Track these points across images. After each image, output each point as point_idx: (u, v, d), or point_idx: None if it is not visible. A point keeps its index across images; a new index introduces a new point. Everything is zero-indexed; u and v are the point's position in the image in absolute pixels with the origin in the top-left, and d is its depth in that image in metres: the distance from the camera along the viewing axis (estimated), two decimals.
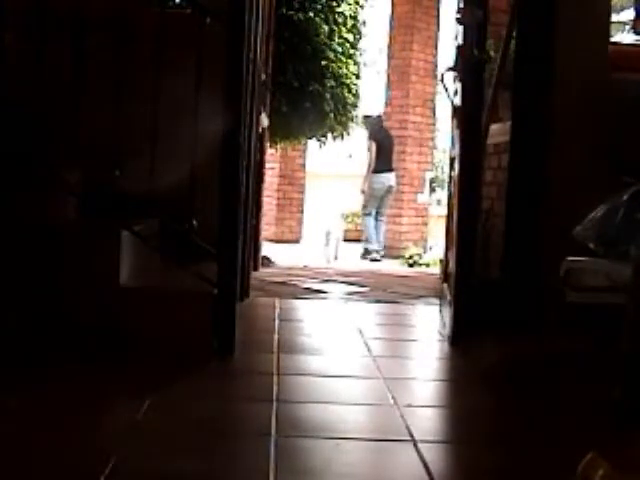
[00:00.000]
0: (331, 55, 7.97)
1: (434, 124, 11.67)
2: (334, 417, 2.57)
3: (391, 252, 10.54)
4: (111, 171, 3.35)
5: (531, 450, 2.30)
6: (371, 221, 10.44)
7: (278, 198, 12.40)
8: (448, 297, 3.89)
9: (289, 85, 7.67)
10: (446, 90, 4.08)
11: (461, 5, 3.80)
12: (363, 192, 10.51)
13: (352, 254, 10.40)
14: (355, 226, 12.68)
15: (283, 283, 5.49)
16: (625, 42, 5.52)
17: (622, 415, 2.57)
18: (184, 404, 2.60)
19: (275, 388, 2.79)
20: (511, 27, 4.21)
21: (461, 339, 3.63)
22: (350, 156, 14.60)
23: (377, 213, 10.48)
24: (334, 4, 8.11)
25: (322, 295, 5.08)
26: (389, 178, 10.40)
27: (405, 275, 7.07)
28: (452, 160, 4.35)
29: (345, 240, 11.66)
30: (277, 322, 4.04)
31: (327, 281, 5.87)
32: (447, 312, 3.85)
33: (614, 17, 5.65)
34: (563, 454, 2.08)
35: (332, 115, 8.13)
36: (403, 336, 4.14)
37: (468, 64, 3.67)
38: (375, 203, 10.45)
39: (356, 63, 8.49)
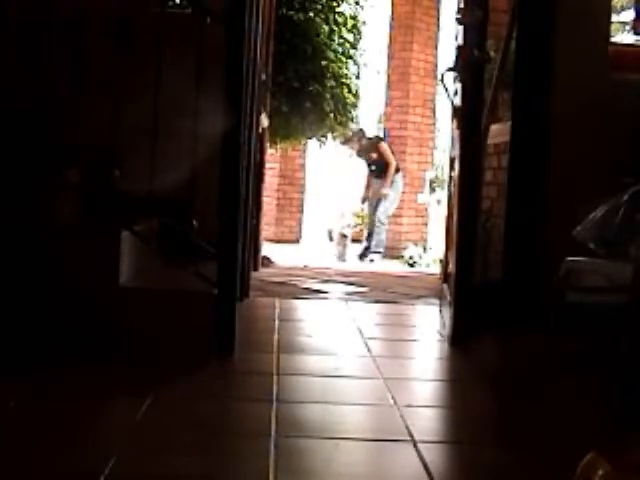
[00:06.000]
0: (331, 55, 7.97)
1: (434, 124, 11.66)
2: (334, 417, 2.57)
3: (391, 252, 10.53)
4: (111, 171, 3.35)
5: (531, 450, 2.30)
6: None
7: (278, 198, 12.40)
8: (448, 297, 3.89)
9: (289, 85, 7.67)
10: (446, 90, 4.08)
11: (461, 5, 3.80)
12: (386, 196, 10.19)
13: (350, 255, 10.37)
14: (355, 226, 12.65)
15: (283, 283, 5.49)
16: (625, 42, 5.51)
17: (622, 415, 2.57)
18: (184, 404, 2.60)
19: (275, 388, 2.79)
20: (511, 27, 4.21)
21: (461, 339, 3.63)
22: (350, 156, 14.58)
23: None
24: (334, 4, 8.11)
25: (322, 295, 5.08)
26: None
27: (405, 275, 7.07)
28: (452, 160, 4.35)
29: None
30: (277, 322, 4.04)
31: (327, 281, 5.86)
32: (447, 312, 3.85)
33: (614, 17, 5.64)
34: (563, 454, 2.08)
35: (332, 115, 8.13)
36: (403, 336, 4.14)
37: (468, 64, 3.66)
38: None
39: (356, 63, 8.49)
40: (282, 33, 7.25)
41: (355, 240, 11.46)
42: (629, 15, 6.65)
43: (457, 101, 3.87)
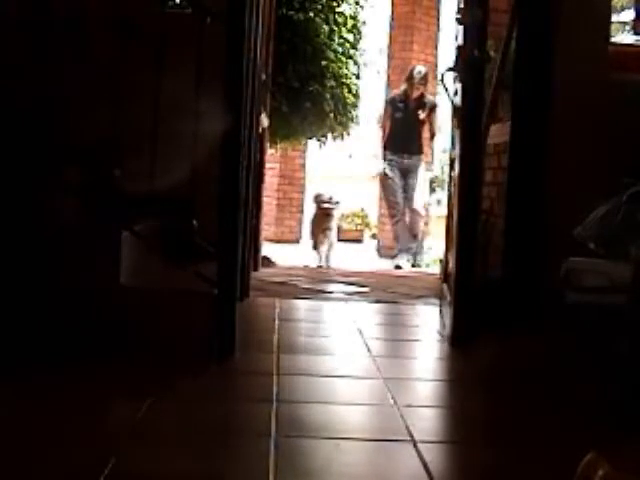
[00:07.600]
0: (331, 55, 7.97)
1: None
2: (334, 417, 2.57)
3: (391, 252, 10.52)
4: (111, 171, 3.35)
5: (531, 450, 2.30)
6: None
7: (278, 198, 12.39)
8: (448, 297, 3.89)
9: (289, 85, 7.67)
10: (446, 90, 4.08)
11: (461, 5, 3.80)
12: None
13: (350, 255, 10.34)
14: (355, 226, 12.66)
15: (283, 283, 5.49)
16: (625, 42, 5.51)
17: (622, 415, 2.57)
18: (184, 404, 2.60)
19: (275, 388, 2.79)
20: (511, 27, 4.21)
21: (461, 339, 3.63)
22: (350, 156, 14.57)
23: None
24: (334, 4, 8.11)
25: (322, 295, 5.08)
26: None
27: (405, 275, 7.06)
28: (452, 160, 4.36)
29: (345, 240, 11.62)
30: (277, 322, 4.04)
31: (327, 281, 5.87)
32: (447, 312, 3.85)
33: (614, 17, 5.64)
34: (563, 454, 2.08)
35: (332, 115, 8.13)
36: (403, 336, 4.14)
37: (468, 64, 3.67)
38: None
39: (356, 63, 8.49)
40: (282, 33, 7.25)
41: (355, 240, 11.46)
42: (629, 15, 6.65)
43: (457, 101, 3.87)
